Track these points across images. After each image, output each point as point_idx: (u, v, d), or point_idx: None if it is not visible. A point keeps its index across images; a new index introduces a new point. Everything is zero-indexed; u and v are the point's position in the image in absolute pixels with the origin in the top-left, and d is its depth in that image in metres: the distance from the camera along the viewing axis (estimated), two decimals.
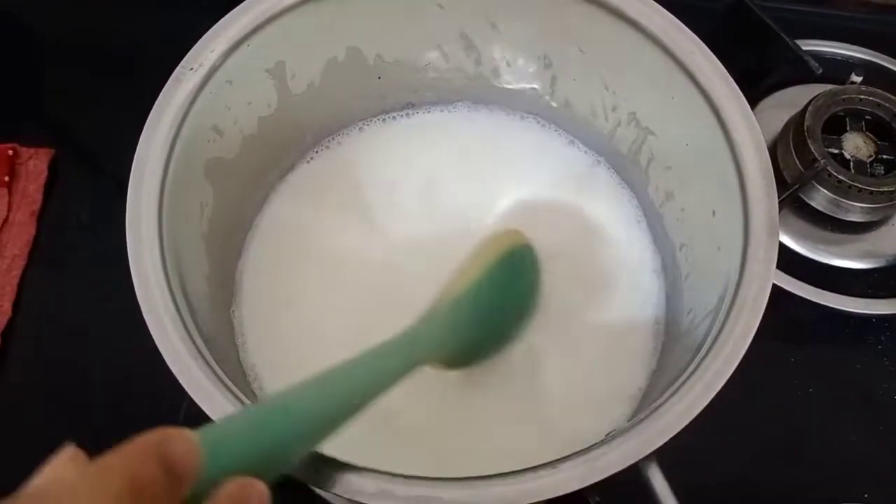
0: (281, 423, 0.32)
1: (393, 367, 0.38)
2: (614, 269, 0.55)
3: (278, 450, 0.31)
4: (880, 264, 0.64)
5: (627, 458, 0.37)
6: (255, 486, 0.28)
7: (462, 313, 0.44)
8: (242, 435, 0.30)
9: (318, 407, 0.33)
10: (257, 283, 0.54)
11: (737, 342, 0.40)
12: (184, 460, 0.26)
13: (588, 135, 0.58)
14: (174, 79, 0.46)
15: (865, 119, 0.65)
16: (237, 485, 0.28)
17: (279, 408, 0.32)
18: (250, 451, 0.29)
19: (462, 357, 0.46)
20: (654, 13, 0.48)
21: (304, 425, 0.33)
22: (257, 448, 0.30)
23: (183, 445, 0.27)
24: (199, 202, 0.48)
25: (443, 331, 0.43)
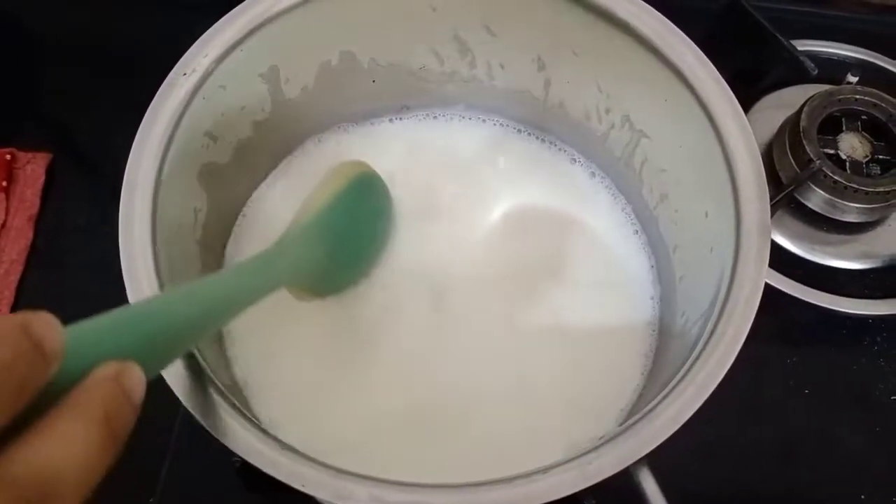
0: (147, 324, 0.32)
1: (253, 284, 0.40)
2: (609, 272, 0.55)
3: (142, 349, 0.31)
4: (876, 265, 0.64)
5: (619, 463, 0.37)
6: (130, 368, 0.28)
7: (314, 237, 0.47)
8: (109, 330, 0.30)
9: (184, 312, 0.34)
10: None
11: (728, 345, 0.40)
12: (49, 335, 0.25)
13: (582, 137, 0.58)
14: (167, 84, 0.46)
15: (861, 119, 0.65)
16: (115, 365, 0.27)
17: (146, 310, 0.33)
18: (115, 346, 0.29)
19: (319, 283, 0.50)
20: (646, 15, 0.48)
21: (168, 328, 0.33)
22: (121, 345, 0.29)
23: (44, 323, 0.25)
24: (192, 208, 0.48)
25: (296, 254, 0.46)
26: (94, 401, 0.26)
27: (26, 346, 0.25)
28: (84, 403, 0.26)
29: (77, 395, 0.26)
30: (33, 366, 0.25)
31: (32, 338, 0.25)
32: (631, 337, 0.52)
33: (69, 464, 0.25)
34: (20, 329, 0.25)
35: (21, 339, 0.25)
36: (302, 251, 0.46)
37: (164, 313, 0.33)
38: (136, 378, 0.28)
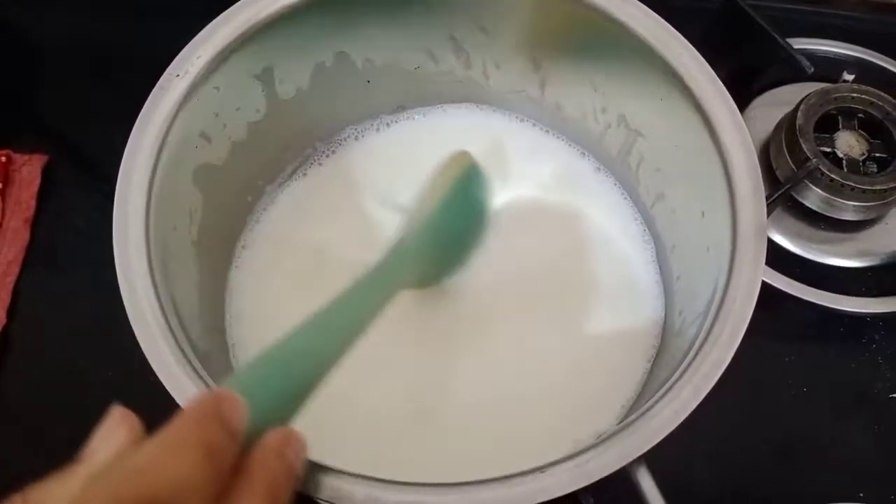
0: (299, 364, 0.34)
1: (379, 297, 0.41)
2: (608, 272, 0.55)
3: (299, 390, 0.34)
4: (874, 263, 0.63)
5: (616, 463, 0.37)
6: (294, 434, 0.31)
7: (429, 236, 0.47)
8: (269, 382, 0.33)
9: (324, 344, 0.36)
10: (249, 290, 0.54)
11: (725, 345, 0.40)
12: (235, 418, 0.29)
13: (579, 137, 0.58)
14: (160, 86, 0.46)
15: (858, 117, 0.65)
16: (279, 435, 0.30)
17: (294, 350, 0.35)
18: (277, 396, 0.32)
19: (429, 277, 0.50)
20: (642, 15, 0.48)
21: (316, 363, 0.35)
22: (283, 392, 0.33)
23: (233, 404, 0.29)
24: (187, 209, 0.48)
25: (415, 255, 0.46)
26: (262, 480, 0.29)
27: (222, 431, 0.28)
28: (255, 483, 0.29)
29: (250, 473, 0.29)
30: (228, 449, 0.28)
31: (225, 422, 0.28)
32: (630, 335, 0.53)
33: None
34: (215, 414, 0.28)
35: (217, 424, 0.28)
36: (420, 253, 0.46)
37: (308, 351, 0.35)
38: (299, 448, 0.32)
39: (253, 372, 0.34)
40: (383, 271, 0.43)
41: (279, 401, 0.33)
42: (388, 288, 0.42)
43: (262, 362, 0.34)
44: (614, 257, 0.56)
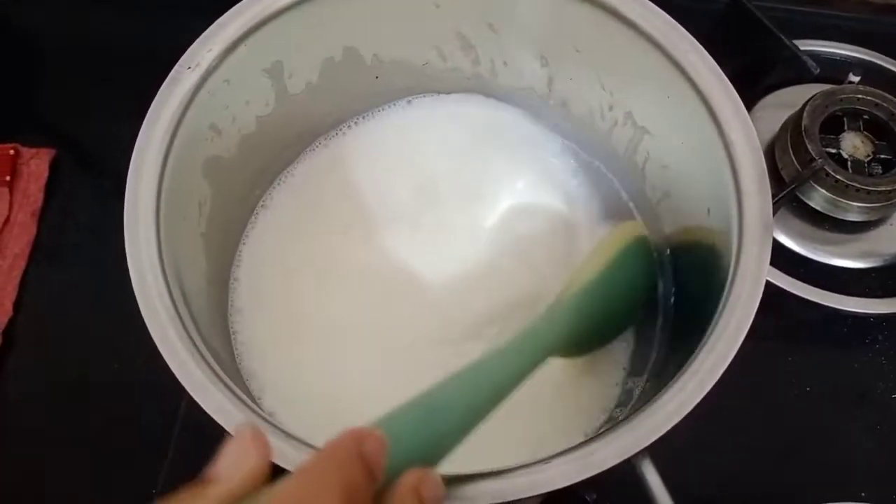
0: (441, 418, 0.35)
1: (527, 363, 0.41)
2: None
3: (437, 442, 0.34)
4: (878, 264, 0.64)
5: (621, 454, 0.37)
6: (430, 475, 0.31)
7: (582, 307, 0.46)
8: (411, 430, 0.33)
9: (468, 402, 0.36)
10: (256, 281, 0.54)
11: (730, 339, 0.40)
12: (377, 458, 0.29)
13: (585, 134, 0.58)
14: (171, 78, 0.46)
15: (863, 119, 0.65)
16: (416, 475, 0.30)
17: (440, 403, 0.35)
18: (418, 443, 0.33)
19: (579, 347, 0.49)
20: (649, 13, 0.48)
21: (458, 420, 0.35)
22: (423, 441, 0.33)
23: (375, 444, 0.29)
24: (197, 201, 0.49)
25: (566, 325, 0.45)
26: None
27: (363, 472, 0.28)
28: None
29: None
30: (367, 490, 0.29)
31: (366, 461, 0.29)
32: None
33: None
34: (357, 454, 0.29)
35: (358, 465, 0.28)
36: (571, 324, 0.45)
37: (451, 406, 0.36)
38: (436, 488, 0.31)
39: (397, 416, 0.34)
40: (533, 336, 0.43)
41: (419, 448, 0.33)
42: (536, 354, 0.42)
43: (407, 408, 0.34)
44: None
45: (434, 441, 0.34)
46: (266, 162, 0.56)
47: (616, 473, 0.39)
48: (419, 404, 0.35)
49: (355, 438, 0.29)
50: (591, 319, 0.47)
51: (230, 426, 0.37)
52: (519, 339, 0.42)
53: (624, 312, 0.51)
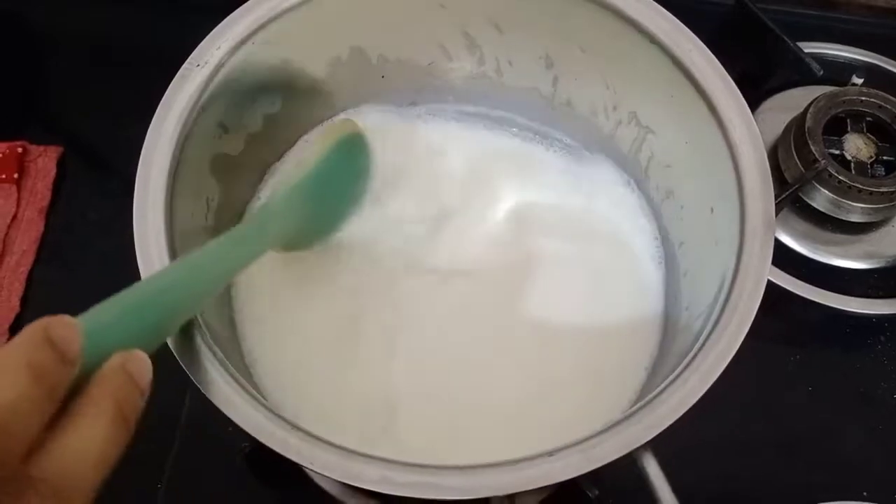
0: (155, 304, 0.35)
1: (246, 252, 0.42)
2: (616, 267, 0.56)
3: (152, 327, 0.35)
4: (881, 265, 0.64)
5: (623, 448, 0.37)
6: (136, 353, 0.31)
7: (302, 199, 0.48)
8: (120, 317, 0.33)
9: (187, 287, 0.38)
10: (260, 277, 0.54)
11: (732, 336, 0.40)
12: (69, 343, 0.28)
13: (590, 135, 0.58)
14: (180, 76, 0.46)
15: (866, 121, 0.65)
16: (122, 355, 0.30)
17: (153, 290, 0.36)
18: (128, 330, 0.32)
19: (301, 240, 0.51)
20: (653, 13, 0.48)
21: (175, 304, 0.36)
22: (134, 327, 0.33)
23: (65, 329, 0.28)
24: (205, 198, 0.49)
25: (285, 217, 0.47)
26: (106, 394, 0.29)
27: (51, 354, 0.27)
28: (97, 398, 0.29)
29: (91, 390, 0.29)
30: (59, 372, 0.28)
31: (55, 345, 0.28)
32: (636, 330, 0.53)
33: (88, 457, 0.28)
34: (43, 338, 0.27)
35: (46, 347, 0.27)
36: (290, 213, 0.47)
37: (164, 295, 0.36)
38: (141, 364, 0.31)
39: (102, 309, 0.33)
40: (248, 229, 0.44)
41: (134, 335, 0.32)
42: (251, 245, 0.43)
43: (119, 298, 0.34)
44: (617, 252, 0.56)
45: (150, 328, 0.34)
46: (272, 157, 0.56)
47: (618, 470, 0.40)
48: (133, 293, 0.34)
49: (41, 323, 0.28)
50: (307, 212, 0.49)
51: (238, 419, 0.38)
52: (241, 230, 0.43)
53: (342, 203, 0.53)
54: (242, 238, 0.43)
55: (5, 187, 0.66)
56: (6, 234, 0.65)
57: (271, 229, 0.45)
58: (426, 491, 0.36)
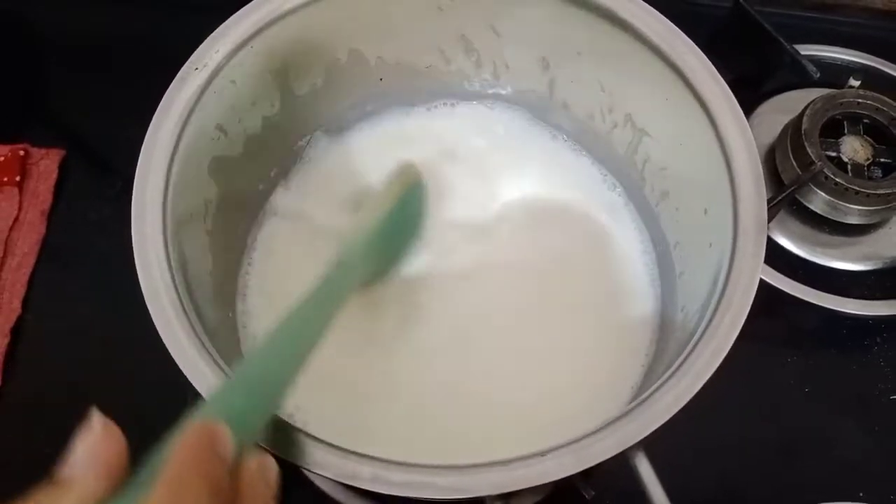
0: (260, 387, 0.36)
1: (331, 308, 0.42)
2: (611, 269, 0.56)
3: (270, 403, 0.36)
4: (877, 266, 0.64)
5: (615, 447, 0.38)
6: (267, 460, 0.32)
7: (378, 242, 0.48)
8: (239, 406, 0.34)
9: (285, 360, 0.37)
10: (261, 280, 0.55)
11: (724, 335, 0.40)
12: (228, 449, 0.30)
13: (586, 137, 0.59)
14: (179, 78, 0.47)
15: (863, 123, 0.65)
16: (257, 463, 0.31)
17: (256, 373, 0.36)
18: (246, 417, 0.33)
19: (371, 279, 0.50)
20: (648, 16, 0.49)
21: (277, 382, 0.36)
22: (250, 412, 0.34)
23: (224, 436, 0.30)
24: (203, 199, 0.49)
25: (363, 264, 0.47)
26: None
27: (221, 466, 0.29)
28: None
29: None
30: (226, 481, 0.29)
31: (219, 455, 0.29)
32: (632, 331, 0.53)
33: None
34: (211, 449, 0.29)
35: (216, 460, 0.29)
36: (366, 262, 0.47)
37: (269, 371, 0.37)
38: (275, 470, 0.33)
39: (223, 398, 0.34)
40: (334, 282, 0.44)
41: (248, 422, 0.33)
42: (339, 298, 0.43)
43: (229, 388, 0.35)
44: (613, 255, 0.56)
45: (258, 409, 0.35)
46: (271, 159, 0.57)
47: (615, 470, 0.40)
48: (238, 382, 0.36)
49: (207, 431, 0.30)
50: (384, 251, 0.50)
51: None
52: (320, 290, 0.43)
53: (408, 241, 0.53)
54: (330, 293, 0.43)
55: (7, 190, 0.66)
56: (8, 236, 0.65)
57: (355, 278, 0.46)
58: (420, 490, 0.36)
